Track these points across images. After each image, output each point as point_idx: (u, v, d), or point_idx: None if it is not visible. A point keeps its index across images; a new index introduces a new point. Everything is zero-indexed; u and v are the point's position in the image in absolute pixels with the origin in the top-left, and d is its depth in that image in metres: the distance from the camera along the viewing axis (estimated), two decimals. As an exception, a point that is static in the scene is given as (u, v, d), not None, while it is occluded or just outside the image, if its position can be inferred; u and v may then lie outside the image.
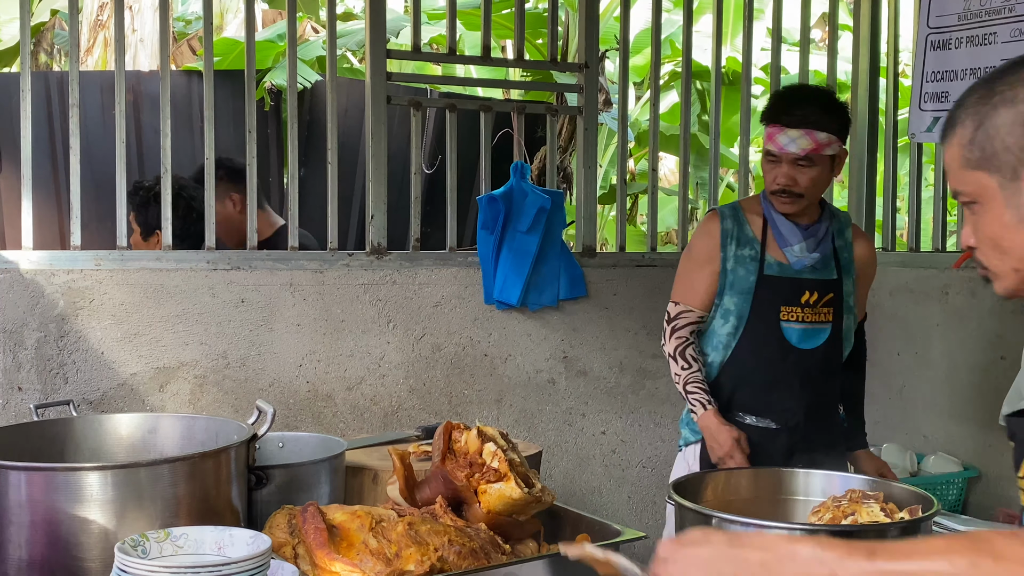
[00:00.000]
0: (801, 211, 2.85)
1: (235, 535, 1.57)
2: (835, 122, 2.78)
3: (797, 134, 2.73)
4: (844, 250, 2.94)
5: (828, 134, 2.75)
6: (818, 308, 2.88)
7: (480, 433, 2.07)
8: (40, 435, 2.09)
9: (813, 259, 2.85)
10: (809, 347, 2.87)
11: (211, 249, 3.44)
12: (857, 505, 2.06)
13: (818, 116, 2.75)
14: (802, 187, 2.78)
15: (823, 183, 2.84)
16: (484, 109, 3.86)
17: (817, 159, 2.76)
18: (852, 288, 2.93)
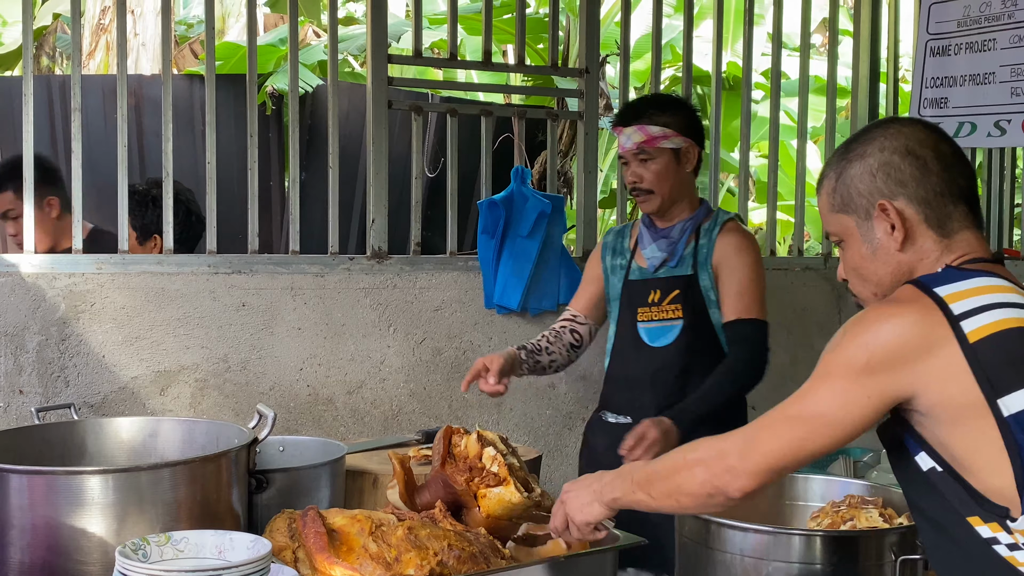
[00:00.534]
0: (660, 209, 2.94)
1: (235, 539, 1.58)
2: (669, 117, 2.89)
3: (631, 130, 2.88)
4: (704, 247, 2.94)
5: (660, 127, 2.87)
6: (664, 306, 2.94)
7: (480, 437, 2.07)
8: (41, 438, 2.09)
9: (660, 258, 2.95)
10: (660, 344, 2.94)
11: (212, 253, 3.45)
12: (856, 510, 2.07)
13: (651, 112, 2.89)
14: (648, 182, 2.89)
15: (669, 176, 2.91)
16: (485, 114, 3.87)
17: (654, 152, 2.87)
18: (711, 282, 2.91)
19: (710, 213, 3.00)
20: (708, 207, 3.03)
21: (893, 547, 1.88)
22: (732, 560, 1.90)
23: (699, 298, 2.91)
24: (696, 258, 2.94)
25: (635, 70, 7.17)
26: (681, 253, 2.95)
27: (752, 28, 4.28)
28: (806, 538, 1.89)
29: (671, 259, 2.96)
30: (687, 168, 2.95)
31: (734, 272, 2.88)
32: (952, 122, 3.81)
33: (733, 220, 2.99)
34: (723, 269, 2.90)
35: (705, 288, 2.92)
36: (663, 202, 2.93)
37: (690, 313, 2.91)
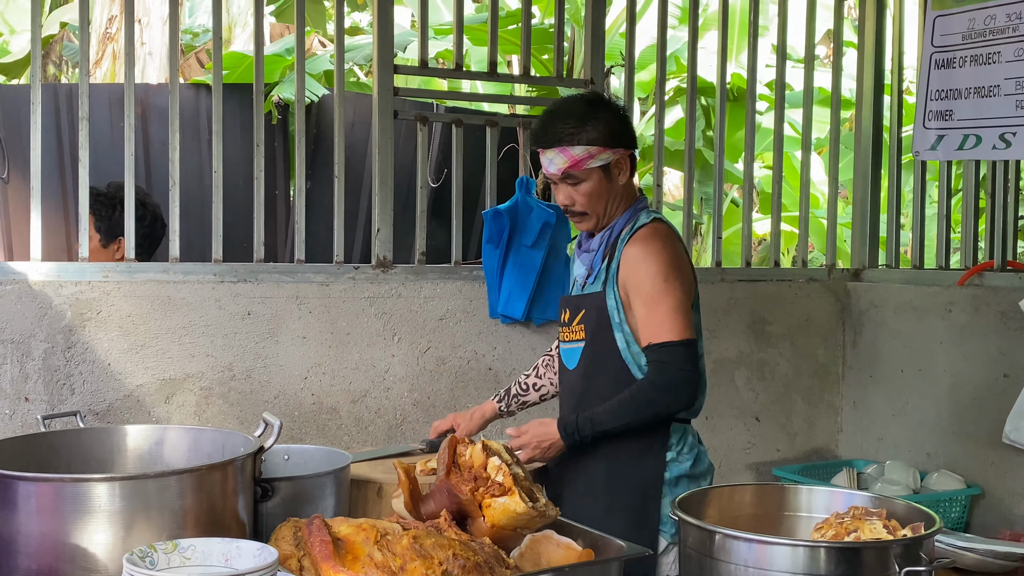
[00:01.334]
0: (597, 227, 2.74)
1: (242, 547, 1.58)
2: (590, 131, 2.62)
3: (553, 154, 2.64)
4: (616, 261, 2.68)
5: (584, 147, 2.61)
6: (573, 326, 2.75)
7: (485, 447, 2.08)
8: (47, 446, 2.10)
9: (582, 275, 2.77)
10: (571, 367, 2.78)
11: (218, 261, 3.46)
12: (860, 522, 2.06)
13: (571, 131, 2.62)
14: (580, 205, 2.67)
15: (602, 195, 2.67)
16: (490, 124, 3.88)
17: (582, 174, 2.64)
18: (617, 303, 2.66)
19: (632, 217, 2.72)
20: (634, 210, 2.73)
21: (897, 558, 1.88)
22: (736, 571, 1.90)
23: (603, 318, 2.67)
24: (607, 273, 2.69)
25: (640, 81, 7.19)
26: (598, 268, 2.71)
27: (757, 39, 4.29)
28: (810, 549, 1.89)
29: (590, 275, 2.74)
30: (620, 181, 2.69)
31: (638, 291, 2.61)
32: (957, 134, 3.82)
33: (648, 225, 2.68)
34: (629, 290, 2.64)
35: (610, 308, 2.67)
36: (599, 220, 2.72)
37: (592, 334, 2.69)
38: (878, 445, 4.09)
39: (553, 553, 2.01)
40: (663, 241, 2.65)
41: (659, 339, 2.57)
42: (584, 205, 2.68)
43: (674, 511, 2.04)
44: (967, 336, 3.75)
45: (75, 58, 9.22)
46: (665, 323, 2.57)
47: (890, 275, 4.24)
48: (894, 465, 3.73)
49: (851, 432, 4.24)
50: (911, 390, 3.96)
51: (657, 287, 2.59)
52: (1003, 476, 3.61)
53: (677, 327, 2.57)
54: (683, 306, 2.60)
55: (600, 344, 2.69)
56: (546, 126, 2.68)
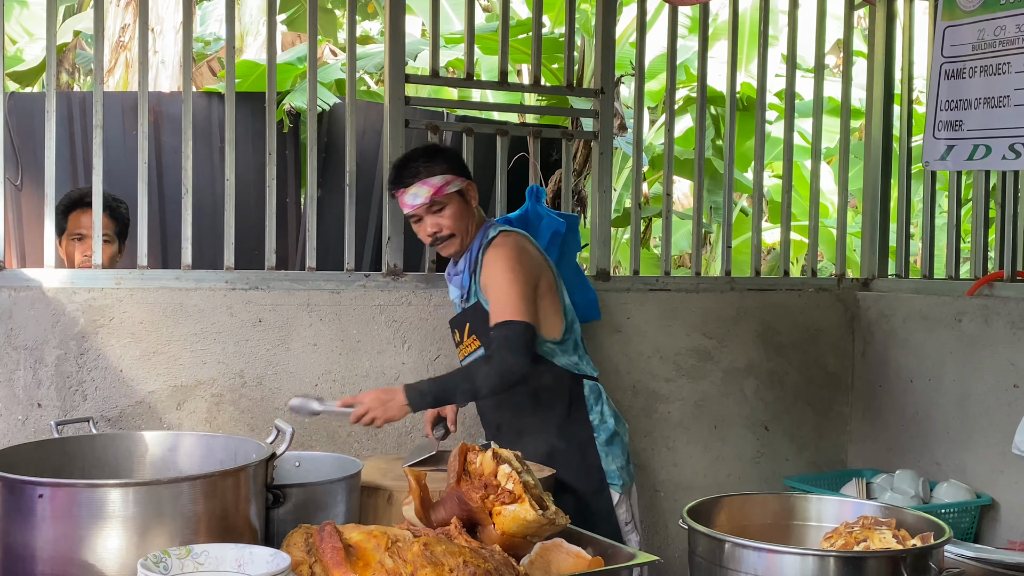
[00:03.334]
0: (461, 249, 3.12)
1: (255, 553, 1.59)
2: (440, 164, 3.06)
3: (416, 188, 3.03)
4: (477, 272, 3.10)
5: (441, 175, 3.04)
6: (467, 341, 3.16)
7: (495, 455, 2.09)
8: (61, 452, 2.12)
9: (458, 296, 3.18)
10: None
11: (230, 269, 3.48)
12: (869, 531, 2.07)
13: (423, 166, 3.05)
14: (448, 227, 3.07)
15: (462, 216, 3.09)
16: (500, 133, 3.90)
17: (444, 199, 3.05)
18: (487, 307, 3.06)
19: (485, 235, 3.11)
20: (484, 229, 3.14)
21: (906, 568, 1.88)
22: (746, 580, 1.90)
23: (486, 323, 3.03)
24: (476, 286, 3.11)
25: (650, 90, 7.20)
26: (468, 285, 3.13)
27: (767, 49, 4.30)
28: (819, 558, 1.89)
29: (464, 294, 3.15)
30: (472, 204, 3.13)
31: (488, 287, 3.03)
32: (967, 145, 3.82)
33: (497, 237, 3.09)
34: (485, 290, 3.05)
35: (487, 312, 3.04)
36: (463, 241, 3.11)
37: (484, 340, 3.06)
38: (887, 455, 4.09)
39: (563, 561, 2.02)
40: (508, 246, 3.07)
41: (496, 319, 2.97)
42: (451, 227, 3.07)
43: (683, 520, 2.05)
44: (977, 346, 3.75)
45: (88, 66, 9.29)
46: (507, 309, 2.96)
47: (900, 285, 4.24)
48: (903, 475, 3.73)
49: (860, 442, 4.24)
50: (921, 400, 3.96)
51: (501, 280, 3.00)
52: (1013, 487, 3.61)
53: (513, 310, 2.95)
54: (523, 298, 2.97)
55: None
56: (401, 169, 3.09)
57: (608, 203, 4.03)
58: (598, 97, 3.99)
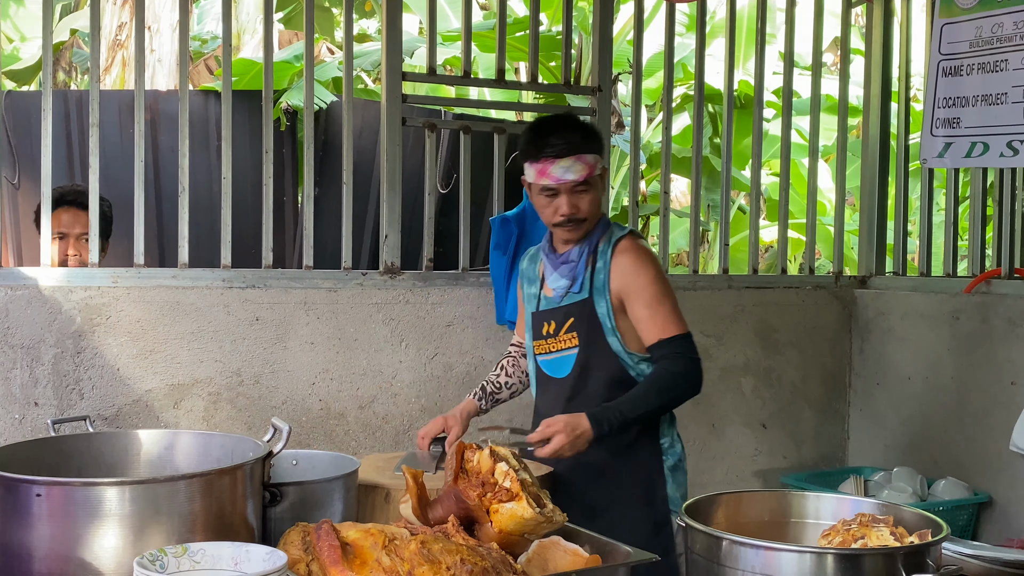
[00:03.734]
0: (585, 235, 2.85)
1: (252, 551, 1.59)
2: (594, 142, 2.82)
3: (569, 162, 2.75)
4: (601, 271, 2.84)
5: (594, 155, 2.79)
6: (561, 336, 2.88)
7: (493, 453, 2.08)
8: (58, 450, 2.11)
9: (565, 286, 2.87)
10: (562, 376, 2.89)
11: (227, 267, 3.48)
12: (867, 529, 2.06)
13: (580, 140, 2.79)
14: (585, 212, 2.80)
15: (598, 203, 2.86)
16: (498, 131, 3.90)
17: (592, 181, 2.80)
18: (608, 310, 2.82)
19: (606, 230, 2.89)
20: (606, 222, 2.92)
21: (904, 566, 1.87)
22: (743, 577, 1.90)
23: (595, 324, 2.82)
24: (593, 283, 2.85)
25: (647, 88, 7.20)
26: (582, 277, 2.86)
27: (764, 47, 4.30)
28: (817, 556, 1.89)
29: (574, 284, 2.87)
30: (604, 190, 2.94)
31: (640, 296, 2.79)
32: (964, 142, 3.82)
33: (625, 238, 2.88)
34: (627, 296, 2.81)
35: (601, 315, 2.83)
36: (588, 229, 2.86)
37: (584, 339, 2.83)
38: (885, 452, 4.09)
39: (560, 559, 2.01)
40: (648, 252, 2.88)
41: (668, 334, 2.78)
42: (587, 212, 2.81)
43: (681, 517, 2.05)
44: (974, 343, 3.75)
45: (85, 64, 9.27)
46: (669, 321, 2.78)
47: (897, 282, 4.24)
48: (901, 472, 3.73)
49: (858, 439, 4.24)
50: (918, 397, 3.96)
51: (655, 291, 2.80)
52: (1011, 484, 3.61)
53: (680, 323, 2.80)
54: (677, 306, 2.83)
55: (596, 348, 2.84)
56: (553, 135, 2.79)
57: (606, 202, 4.03)
58: (595, 95, 3.99)
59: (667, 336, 2.77)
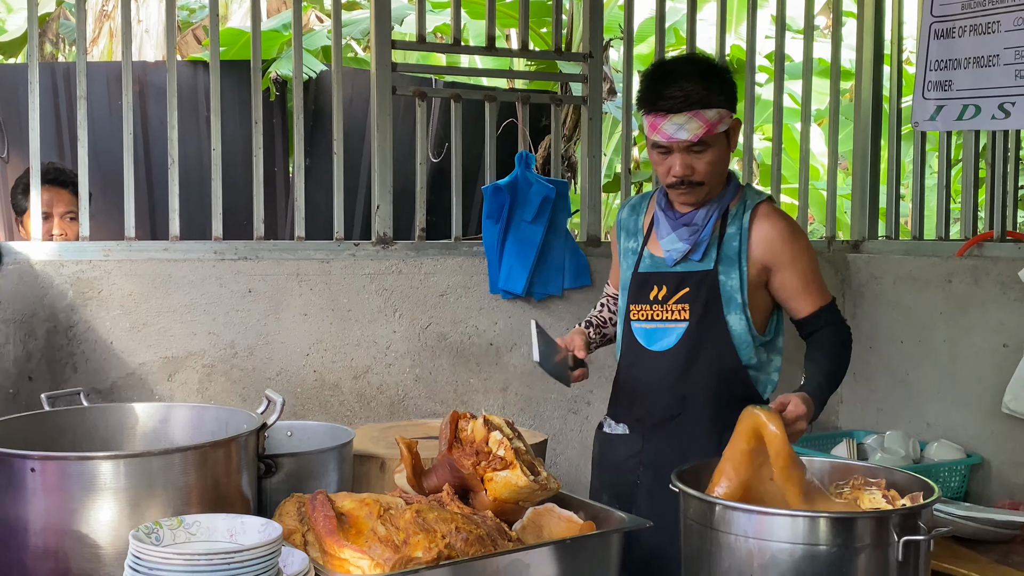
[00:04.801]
0: (705, 199, 2.58)
1: (247, 523, 1.60)
2: (721, 94, 2.48)
3: (684, 119, 2.44)
4: (733, 238, 2.57)
5: (716, 110, 2.46)
6: (670, 305, 2.60)
7: (486, 422, 2.09)
8: (52, 424, 2.12)
9: (682, 250, 2.58)
10: (658, 349, 2.62)
11: (218, 239, 3.46)
12: (859, 492, 2.08)
13: (701, 92, 2.44)
14: (702, 174, 2.51)
15: (723, 163, 2.54)
16: (488, 99, 3.87)
17: (712, 140, 2.48)
18: (742, 282, 2.56)
19: (738, 191, 2.61)
20: (736, 184, 2.62)
21: (896, 527, 1.89)
22: (736, 541, 1.92)
23: (714, 298, 2.55)
24: (721, 251, 2.57)
25: (638, 54, 7.15)
26: (706, 245, 2.57)
27: (756, 11, 4.27)
28: (809, 519, 1.91)
29: (695, 251, 2.57)
30: (733, 148, 2.58)
31: (793, 265, 2.57)
32: (956, 104, 3.81)
33: (766, 202, 2.62)
34: (777, 266, 2.57)
35: (728, 288, 2.56)
36: (710, 192, 2.56)
37: (699, 315, 2.56)
38: (878, 416, 4.11)
39: (555, 526, 2.03)
40: (791, 219, 2.68)
41: (826, 301, 2.66)
42: (705, 175, 2.51)
43: (674, 483, 2.06)
44: (967, 306, 3.76)
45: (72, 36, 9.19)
46: (824, 288, 2.67)
47: (890, 246, 4.25)
48: (894, 435, 3.75)
49: (851, 403, 4.26)
50: (911, 361, 3.97)
51: (809, 260, 2.64)
52: (1003, 445, 3.63)
53: (827, 291, 2.68)
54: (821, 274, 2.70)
55: (709, 325, 2.58)
56: (670, 87, 2.46)
57: (598, 168, 4.02)
58: (587, 61, 3.96)
59: (825, 303, 2.64)
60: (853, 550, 1.88)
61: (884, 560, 1.89)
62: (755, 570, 1.89)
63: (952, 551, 3.04)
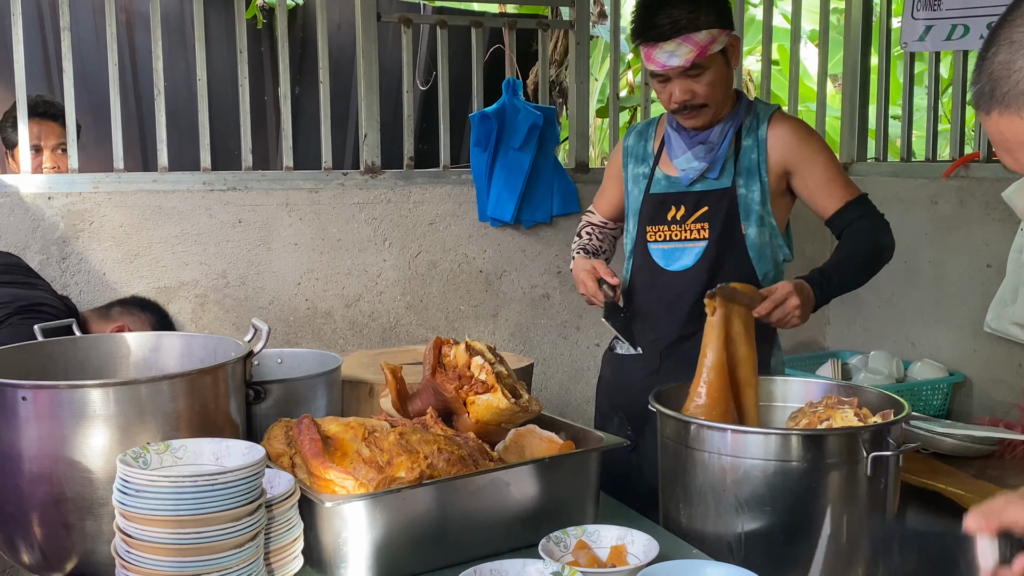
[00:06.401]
0: (712, 121, 2.59)
1: (232, 446, 1.65)
2: (710, 14, 2.48)
3: (673, 45, 2.46)
4: (751, 150, 2.59)
5: (707, 31, 2.46)
6: (688, 224, 2.63)
7: (468, 348, 2.14)
8: (45, 355, 2.15)
9: (699, 169, 2.60)
10: (677, 268, 2.65)
11: (207, 170, 3.48)
12: (832, 411, 2.13)
13: (688, 16, 2.45)
14: (703, 97, 2.53)
15: (724, 82, 2.55)
16: (475, 25, 3.85)
17: (707, 62, 2.48)
18: (764, 191, 2.59)
19: (750, 108, 2.63)
20: (747, 101, 2.64)
21: (865, 444, 1.95)
22: (711, 459, 1.98)
23: (733, 214, 2.58)
24: (739, 164, 2.58)
25: (631, -25, 7.04)
26: (723, 162, 2.59)
27: (745, -69, 4.21)
28: (781, 437, 1.96)
29: (711, 169, 2.60)
30: (735, 65, 2.58)
31: (813, 163, 2.56)
32: (945, 24, 3.78)
33: (778, 110, 2.64)
34: (797, 166, 2.57)
35: (747, 201, 2.58)
36: (717, 112, 2.57)
37: (718, 233, 2.59)
38: (864, 336, 4.16)
39: (536, 446, 2.09)
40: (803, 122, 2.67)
41: (854, 194, 2.59)
42: (707, 96, 2.53)
43: (651, 404, 2.11)
44: (952, 227, 3.79)
45: (58, -36, 9.02)
46: (848, 184, 2.60)
47: (878, 168, 4.25)
48: (878, 355, 3.81)
49: (838, 324, 4.32)
50: (896, 282, 4.01)
51: (829, 156, 2.60)
52: (984, 364, 3.69)
53: (854, 186, 2.61)
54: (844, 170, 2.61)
55: (728, 242, 2.60)
56: (657, 15, 2.48)
57: (586, 94, 4.01)
58: (575, -15, 3.93)
59: (854, 197, 2.56)
60: (824, 466, 1.94)
61: (854, 475, 1.96)
62: (728, 486, 1.95)
63: (931, 466, 3.12)
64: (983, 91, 1.15)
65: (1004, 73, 1.12)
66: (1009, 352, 3.56)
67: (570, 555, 1.79)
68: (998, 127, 1.15)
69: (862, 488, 1.96)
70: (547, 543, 1.78)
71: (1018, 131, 1.13)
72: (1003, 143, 1.16)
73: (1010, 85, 1.11)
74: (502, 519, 1.88)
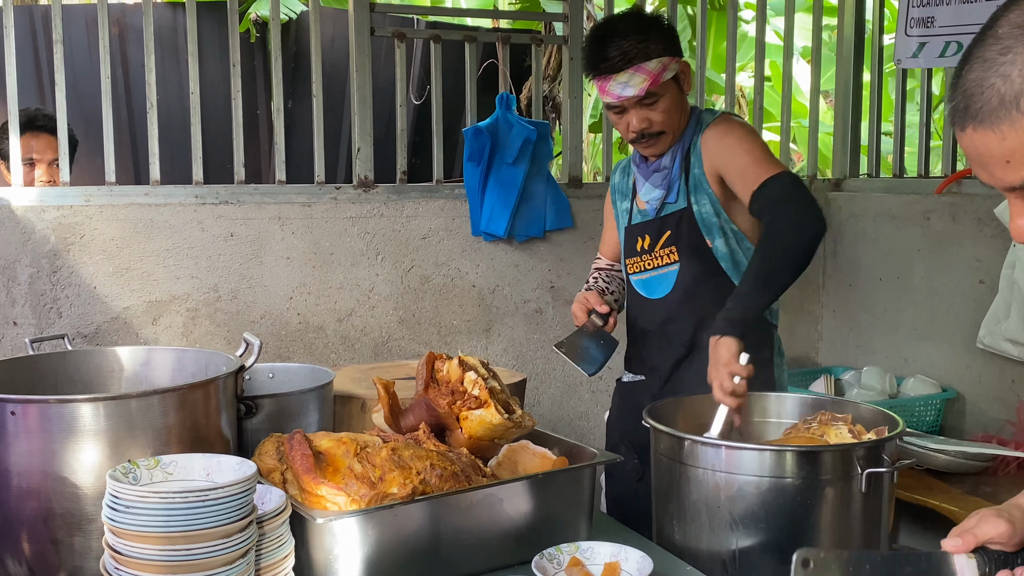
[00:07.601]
0: (669, 147, 2.62)
1: (223, 462, 1.63)
2: (658, 43, 2.51)
3: (626, 76, 2.49)
4: (695, 165, 2.59)
5: (657, 60, 2.50)
6: (657, 252, 2.66)
7: (461, 363, 2.13)
8: (35, 368, 2.14)
9: (659, 197, 2.64)
10: (659, 296, 2.68)
11: (199, 184, 3.47)
12: (826, 427, 2.13)
13: (637, 47, 2.49)
14: (660, 124, 2.56)
15: (677, 108, 2.58)
16: (469, 40, 3.86)
17: (660, 90, 2.52)
18: (713, 203, 2.57)
19: (698, 125, 2.63)
20: (697, 117, 2.65)
21: (860, 460, 1.94)
22: (705, 475, 1.97)
23: (695, 232, 2.59)
24: (689, 186, 2.59)
25: (624, -9, 7.08)
26: (678, 185, 2.61)
27: (738, -52, 4.23)
28: (776, 453, 1.95)
29: (669, 194, 2.63)
30: (687, 90, 2.61)
31: (732, 155, 2.49)
32: (938, 41, 3.80)
33: (717, 118, 2.61)
34: (721, 166, 2.52)
35: (704, 216, 2.58)
36: (673, 138, 2.61)
37: (687, 254, 2.61)
38: (857, 352, 4.16)
39: (529, 461, 2.08)
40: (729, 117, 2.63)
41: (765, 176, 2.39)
42: (663, 123, 2.57)
43: (645, 420, 2.10)
44: (944, 243, 3.79)
45: (51, -23, 9.03)
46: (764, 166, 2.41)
47: (871, 184, 4.26)
48: (871, 371, 3.81)
49: (830, 340, 4.32)
50: (889, 297, 4.02)
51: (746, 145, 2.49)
52: (977, 380, 3.69)
53: (775, 164, 2.43)
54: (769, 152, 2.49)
55: (698, 260, 2.60)
56: (608, 48, 2.51)
57: (579, 109, 4.02)
58: (569, 0, 3.93)
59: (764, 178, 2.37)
60: (818, 482, 1.93)
61: (848, 491, 1.95)
62: (722, 502, 1.94)
63: (925, 483, 3.11)
64: (958, 108, 1.18)
65: (977, 90, 1.15)
66: (1002, 368, 3.56)
67: (563, 572, 1.78)
68: (973, 143, 1.18)
69: (856, 505, 1.96)
70: (540, 560, 1.77)
71: (992, 146, 1.16)
72: (978, 158, 1.20)
73: (983, 101, 1.15)
74: (495, 535, 1.87)
